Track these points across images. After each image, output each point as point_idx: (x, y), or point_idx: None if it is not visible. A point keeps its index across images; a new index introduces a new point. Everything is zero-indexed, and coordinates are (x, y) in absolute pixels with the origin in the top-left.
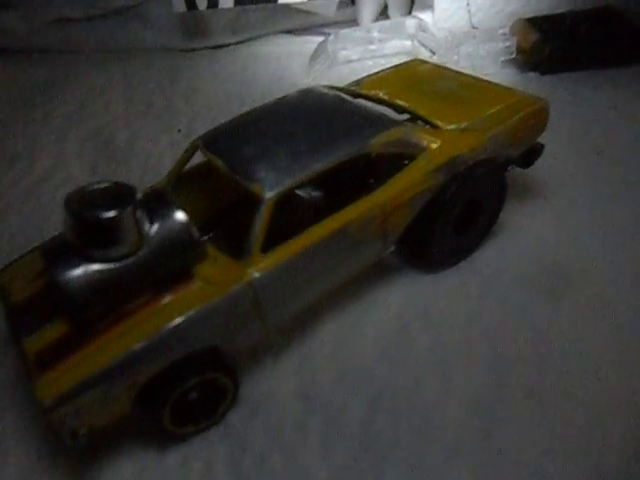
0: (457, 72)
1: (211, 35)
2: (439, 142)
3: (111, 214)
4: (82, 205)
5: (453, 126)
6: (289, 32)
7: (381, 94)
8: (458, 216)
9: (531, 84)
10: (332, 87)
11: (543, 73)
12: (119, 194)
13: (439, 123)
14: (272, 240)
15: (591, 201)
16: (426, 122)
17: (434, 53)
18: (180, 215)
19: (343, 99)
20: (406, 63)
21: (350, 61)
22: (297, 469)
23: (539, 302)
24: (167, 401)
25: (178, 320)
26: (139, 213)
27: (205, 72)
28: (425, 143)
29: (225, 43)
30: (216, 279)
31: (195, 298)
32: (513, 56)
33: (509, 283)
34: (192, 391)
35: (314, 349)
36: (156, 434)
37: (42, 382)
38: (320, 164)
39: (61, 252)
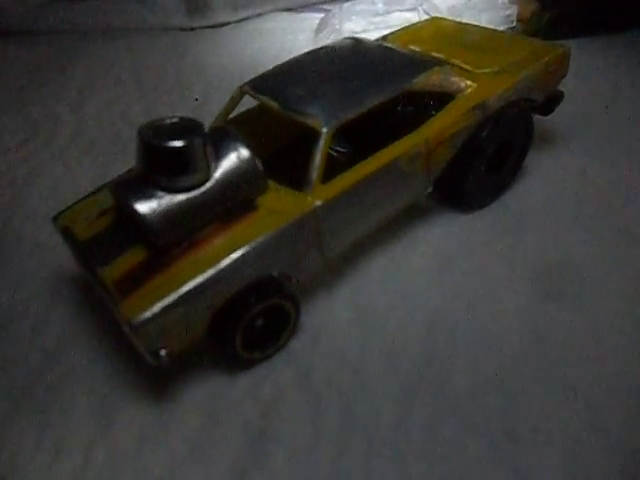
0: (477, 26)
1: (211, 14)
2: (475, 83)
3: (184, 142)
4: (155, 135)
5: (485, 70)
6: (287, 10)
7: (410, 46)
8: (491, 157)
9: None
10: (365, 39)
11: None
12: (189, 127)
13: (471, 68)
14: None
15: (606, 148)
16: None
17: None
18: (245, 148)
19: (382, 45)
20: (427, 20)
21: (355, 33)
22: (364, 384)
23: (567, 232)
24: (239, 325)
25: (249, 246)
26: (208, 146)
27: (211, 48)
28: (463, 84)
29: (225, 21)
30: (280, 209)
31: (262, 226)
32: (514, 24)
33: (538, 220)
34: (259, 317)
35: (365, 282)
36: (225, 363)
37: (126, 304)
38: (370, 100)
39: (135, 185)
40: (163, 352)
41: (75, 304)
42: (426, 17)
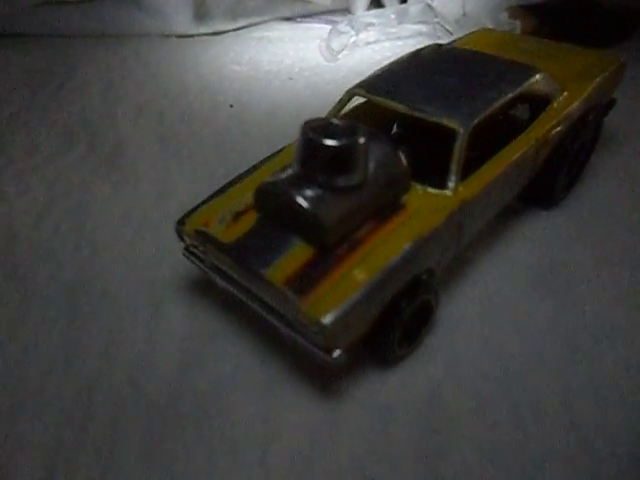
0: (528, 36)
1: (210, 21)
2: (567, 89)
3: (352, 141)
4: (322, 134)
5: (566, 77)
6: (285, 19)
7: None
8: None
9: None
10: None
11: None
12: (351, 128)
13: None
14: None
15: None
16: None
17: (452, 34)
18: (393, 150)
19: (478, 51)
20: (478, 31)
21: (369, 43)
22: (517, 371)
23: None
24: (400, 322)
25: (412, 243)
26: (366, 146)
27: (224, 55)
28: (559, 89)
29: (224, 29)
30: (428, 207)
31: (416, 225)
32: None
33: (610, 215)
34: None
35: (479, 276)
36: (376, 361)
37: (306, 303)
38: (495, 101)
39: (296, 185)
40: (338, 351)
41: (193, 307)
42: (440, 28)
